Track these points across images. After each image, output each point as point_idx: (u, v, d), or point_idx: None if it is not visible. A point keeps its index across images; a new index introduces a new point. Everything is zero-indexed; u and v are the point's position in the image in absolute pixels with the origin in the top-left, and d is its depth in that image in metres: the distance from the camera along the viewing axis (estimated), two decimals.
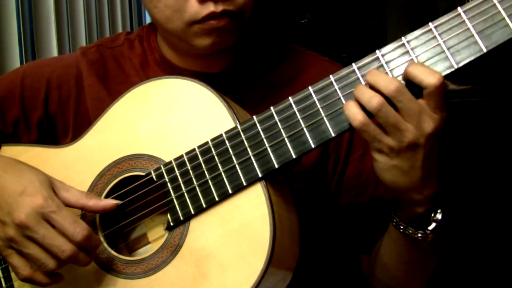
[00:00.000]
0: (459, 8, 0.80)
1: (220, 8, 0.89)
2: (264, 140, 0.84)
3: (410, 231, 0.87)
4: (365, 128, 0.77)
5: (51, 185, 0.88)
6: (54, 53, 1.83)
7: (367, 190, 1.03)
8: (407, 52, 0.80)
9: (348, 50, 3.72)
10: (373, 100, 0.76)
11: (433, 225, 0.85)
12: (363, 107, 0.77)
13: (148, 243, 0.97)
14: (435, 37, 0.80)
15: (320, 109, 0.82)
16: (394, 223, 0.89)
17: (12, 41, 1.64)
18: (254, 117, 0.85)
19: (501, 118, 2.45)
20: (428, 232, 0.85)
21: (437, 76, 0.75)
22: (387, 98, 0.76)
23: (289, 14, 3.67)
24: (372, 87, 0.77)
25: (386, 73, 0.79)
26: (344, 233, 1.08)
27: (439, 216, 0.85)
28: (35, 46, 1.74)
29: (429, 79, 0.75)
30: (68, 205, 0.88)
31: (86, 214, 0.93)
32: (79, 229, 0.84)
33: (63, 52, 1.87)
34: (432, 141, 0.78)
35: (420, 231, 0.86)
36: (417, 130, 0.76)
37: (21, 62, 1.65)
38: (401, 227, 0.87)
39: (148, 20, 2.67)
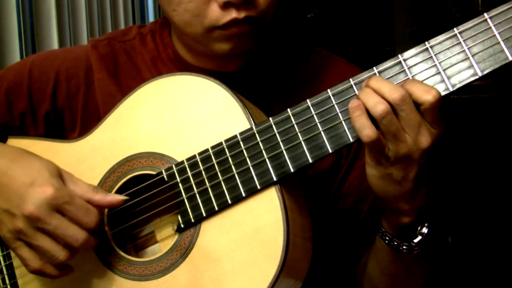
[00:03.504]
0: (485, 14, 0.78)
1: (242, 14, 0.86)
2: (280, 143, 0.82)
3: (395, 243, 0.86)
4: (376, 144, 0.76)
5: (60, 175, 0.86)
6: (55, 48, 1.79)
7: (367, 199, 1.01)
8: (431, 57, 0.78)
9: (355, 46, 3.67)
10: (378, 106, 0.75)
11: (419, 238, 0.85)
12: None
13: (156, 242, 0.95)
14: (459, 43, 0.78)
15: (339, 113, 0.80)
16: (380, 234, 0.88)
17: (12, 36, 1.61)
18: (271, 118, 0.83)
19: None
20: (413, 244, 0.85)
21: (433, 93, 0.75)
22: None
23: (295, 9, 3.63)
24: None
25: (408, 78, 0.78)
26: (339, 242, 1.06)
27: (425, 230, 0.85)
28: (35, 41, 1.70)
29: (425, 96, 0.75)
30: None
31: None
32: (92, 216, 0.85)
33: (64, 47, 1.84)
34: (426, 156, 0.77)
35: (405, 243, 0.86)
36: (414, 143, 0.76)
37: (21, 58, 1.62)
38: (387, 237, 0.87)
39: (150, 14, 2.63)
